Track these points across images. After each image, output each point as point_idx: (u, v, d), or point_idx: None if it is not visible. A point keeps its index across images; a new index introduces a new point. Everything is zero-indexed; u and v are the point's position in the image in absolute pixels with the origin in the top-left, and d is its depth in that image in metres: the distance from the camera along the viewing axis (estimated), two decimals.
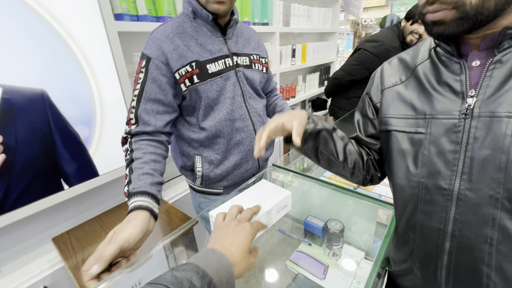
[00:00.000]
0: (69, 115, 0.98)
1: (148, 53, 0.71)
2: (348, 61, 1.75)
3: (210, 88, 0.76)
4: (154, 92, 0.72)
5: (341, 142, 0.61)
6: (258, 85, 0.89)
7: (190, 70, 0.73)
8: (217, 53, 0.77)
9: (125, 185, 0.63)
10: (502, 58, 0.41)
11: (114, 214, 1.16)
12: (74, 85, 0.97)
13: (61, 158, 0.99)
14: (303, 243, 0.78)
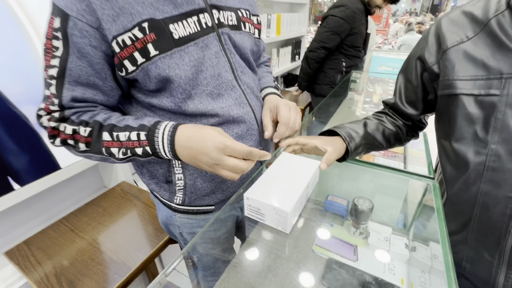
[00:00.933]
0: (11, 93, 0.73)
1: (62, 5, 0.42)
2: (319, 30, 1.74)
3: (180, 63, 0.49)
4: (86, 74, 0.47)
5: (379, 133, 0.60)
6: (249, 55, 0.64)
7: (141, 37, 0.45)
8: (186, 5, 0.50)
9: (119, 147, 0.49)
10: None
11: (86, 213, 0.96)
12: (14, 51, 0.72)
13: (4, 149, 0.74)
14: (324, 224, 0.73)
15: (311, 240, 0.69)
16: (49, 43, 0.45)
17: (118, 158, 0.50)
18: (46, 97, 0.48)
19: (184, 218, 0.67)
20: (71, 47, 0.45)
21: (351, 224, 0.70)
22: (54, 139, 0.51)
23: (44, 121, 0.49)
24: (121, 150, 0.49)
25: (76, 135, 0.49)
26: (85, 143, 0.49)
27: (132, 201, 1.03)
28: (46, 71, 0.47)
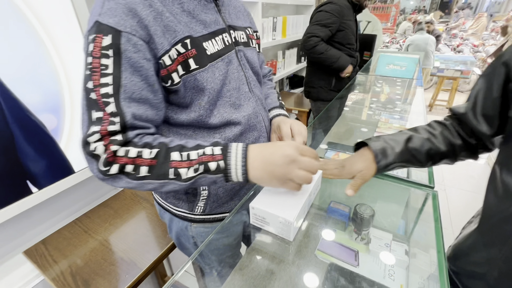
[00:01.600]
0: (30, 102, 0.77)
1: (113, 23, 0.44)
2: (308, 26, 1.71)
3: (213, 77, 0.54)
4: (139, 89, 0.47)
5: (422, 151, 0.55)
6: (259, 68, 0.71)
7: (184, 52, 0.50)
8: (213, 25, 0.56)
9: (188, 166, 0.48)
10: None
11: (99, 215, 1.00)
12: (32, 63, 0.76)
13: (24, 155, 0.79)
14: (327, 230, 0.76)
15: (314, 245, 0.71)
16: (97, 62, 0.44)
17: (184, 179, 0.48)
18: (98, 119, 0.45)
19: (200, 227, 0.71)
20: (124, 64, 0.45)
21: (353, 230, 0.72)
22: (110, 166, 0.45)
23: (99, 148, 0.44)
24: (190, 169, 0.48)
25: (138, 159, 0.47)
26: (148, 167, 0.47)
27: (142, 203, 1.07)
28: (96, 91, 0.44)
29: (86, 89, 0.45)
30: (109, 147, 0.45)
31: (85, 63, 0.46)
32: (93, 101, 0.45)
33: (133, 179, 0.47)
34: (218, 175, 0.49)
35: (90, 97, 0.45)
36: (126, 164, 0.46)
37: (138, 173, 0.47)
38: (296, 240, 0.74)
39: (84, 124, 0.46)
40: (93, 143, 0.45)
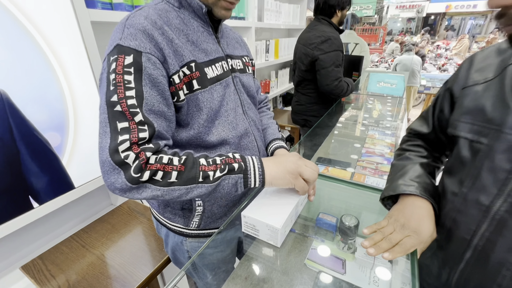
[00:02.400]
0: (36, 120, 0.82)
1: (134, 46, 0.50)
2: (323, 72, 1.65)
3: (212, 98, 0.61)
4: (157, 102, 0.52)
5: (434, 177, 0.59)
6: (254, 93, 0.79)
7: (189, 73, 0.57)
8: (213, 53, 0.64)
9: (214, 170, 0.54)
10: None
11: (96, 230, 1.03)
12: (41, 84, 0.82)
13: (28, 171, 0.83)
14: (316, 240, 0.80)
15: (304, 254, 0.75)
16: (120, 78, 0.49)
17: (212, 179, 0.53)
18: (126, 129, 0.48)
19: (194, 242, 0.75)
20: (144, 79, 0.50)
21: (340, 239, 0.77)
22: (143, 172, 0.48)
23: (131, 155, 0.47)
24: (217, 170, 0.54)
25: (169, 165, 0.50)
26: (177, 172, 0.51)
27: (138, 218, 1.10)
28: (122, 103, 0.48)
29: (111, 103, 0.48)
30: (142, 154, 0.48)
31: (106, 81, 0.50)
32: (119, 112, 0.48)
33: (162, 185, 0.50)
34: (239, 175, 0.56)
35: (115, 109, 0.48)
36: (158, 171, 0.49)
37: (169, 179, 0.50)
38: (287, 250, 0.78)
39: (107, 136, 0.48)
40: (123, 152, 0.47)
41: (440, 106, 0.60)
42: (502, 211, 0.44)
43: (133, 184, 0.48)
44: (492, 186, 0.45)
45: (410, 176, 0.59)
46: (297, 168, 0.60)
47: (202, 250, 0.72)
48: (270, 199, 0.64)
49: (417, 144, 0.69)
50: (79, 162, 0.96)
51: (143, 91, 0.50)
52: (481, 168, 0.47)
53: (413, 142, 0.69)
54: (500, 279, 0.46)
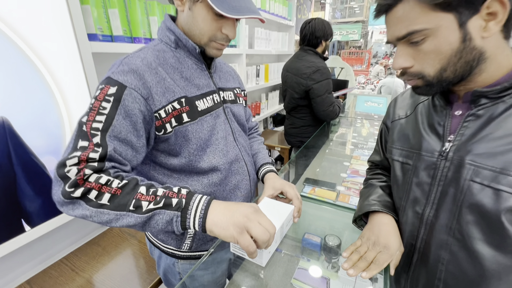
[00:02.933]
0: (35, 145, 0.86)
1: (121, 80, 0.56)
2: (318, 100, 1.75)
3: (201, 128, 0.66)
4: (126, 131, 0.56)
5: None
6: (244, 121, 0.85)
7: (179, 108, 0.62)
8: (205, 88, 0.70)
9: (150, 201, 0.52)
10: (477, 112, 0.48)
11: (86, 253, 1.03)
12: (42, 111, 0.87)
13: (22, 195, 0.85)
14: (302, 260, 0.84)
15: (290, 274, 0.79)
16: (98, 104, 0.54)
17: (143, 211, 0.51)
18: (83, 148, 0.51)
19: (186, 264, 0.78)
20: (120, 109, 0.55)
21: (324, 259, 0.81)
22: (76, 188, 0.49)
23: (73, 170, 0.49)
24: (152, 202, 0.51)
25: (105, 186, 0.51)
26: (110, 195, 0.51)
27: (129, 240, 1.11)
28: (88, 125, 0.53)
29: (80, 122, 0.54)
30: (82, 171, 0.50)
31: (89, 104, 0.56)
32: (84, 132, 0.53)
33: (92, 206, 0.49)
34: (176, 212, 0.51)
35: (82, 129, 0.53)
36: (92, 189, 0.50)
37: (99, 200, 0.50)
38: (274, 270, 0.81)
39: (67, 151, 0.52)
40: (69, 166, 0.50)
41: (383, 137, 0.75)
42: (431, 216, 0.56)
43: (66, 198, 0.49)
44: (421, 197, 0.57)
45: (372, 197, 0.70)
46: (245, 222, 0.51)
47: (192, 271, 0.75)
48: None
49: (376, 172, 0.81)
50: None
51: (114, 119, 0.54)
52: (411, 184, 0.59)
53: (374, 171, 0.83)
54: (439, 274, 0.56)
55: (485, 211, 0.47)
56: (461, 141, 0.50)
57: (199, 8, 0.62)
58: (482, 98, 0.48)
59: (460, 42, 0.44)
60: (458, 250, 0.52)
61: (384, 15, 0.49)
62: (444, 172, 0.52)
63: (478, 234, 0.49)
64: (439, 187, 0.54)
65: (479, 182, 0.47)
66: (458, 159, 0.50)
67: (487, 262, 0.49)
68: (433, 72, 0.47)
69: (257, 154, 0.89)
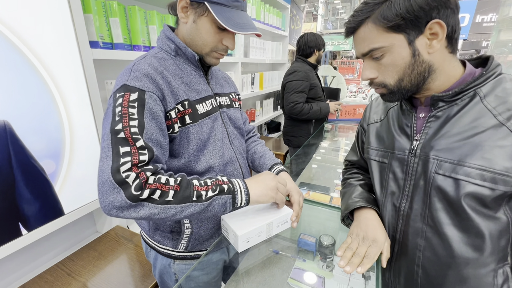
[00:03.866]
0: (35, 148, 0.87)
1: (139, 86, 0.60)
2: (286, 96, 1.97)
3: (201, 130, 0.71)
4: (156, 132, 0.60)
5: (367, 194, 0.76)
6: (241, 124, 0.88)
7: (182, 110, 0.67)
8: (204, 93, 0.74)
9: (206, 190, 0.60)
10: (436, 113, 0.57)
11: (82, 257, 1.03)
12: (43, 115, 0.88)
13: (20, 198, 0.85)
14: (298, 260, 0.86)
15: (287, 274, 0.81)
16: (126, 110, 0.57)
17: (205, 199, 0.59)
18: (127, 153, 0.54)
19: (182, 265, 0.79)
20: (146, 112, 0.59)
21: (319, 258, 0.83)
22: (142, 190, 0.53)
23: (132, 175, 0.52)
24: (209, 191, 0.60)
25: (165, 185, 0.56)
26: (174, 191, 0.56)
27: (126, 244, 1.11)
28: (126, 131, 0.55)
29: (115, 131, 0.55)
30: (142, 174, 0.54)
31: (112, 113, 0.58)
32: (122, 139, 0.55)
33: (159, 203, 0.55)
34: (229, 195, 0.62)
35: (118, 136, 0.55)
36: (156, 190, 0.54)
37: (165, 198, 0.55)
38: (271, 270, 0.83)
39: (109, 159, 0.53)
40: (124, 172, 0.52)
41: (359, 138, 0.83)
42: (406, 207, 0.62)
43: (133, 201, 0.52)
44: (397, 191, 0.64)
45: (355, 195, 0.76)
46: (276, 185, 0.69)
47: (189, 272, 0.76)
48: (252, 212, 0.72)
49: (354, 171, 0.88)
50: (71, 188, 0.99)
51: (144, 122, 0.58)
52: (388, 180, 0.66)
53: (351, 171, 0.89)
54: (417, 260, 0.62)
55: (449, 198, 0.54)
56: (425, 139, 0.58)
57: (203, 22, 0.67)
58: (440, 102, 0.56)
59: (411, 57, 0.53)
60: (432, 236, 0.58)
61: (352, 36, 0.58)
62: (414, 167, 0.60)
63: (446, 219, 0.56)
64: (411, 180, 0.61)
65: (442, 174, 0.54)
66: (424, 155, 0.58)
67: (455, 243, 0.56)
68: (393, 82, 0.56)
69: (264, 156, 0.92)
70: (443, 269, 0.58)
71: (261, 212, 0.73)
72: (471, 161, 0.51)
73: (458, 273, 0.57)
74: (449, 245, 0.56)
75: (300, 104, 1.92)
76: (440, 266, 0.59)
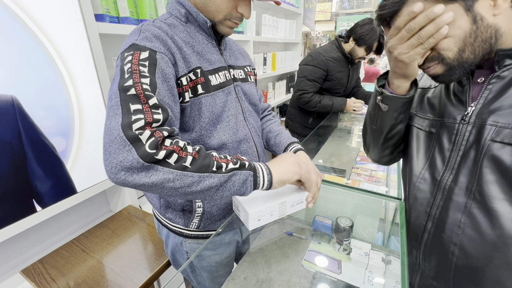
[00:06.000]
0: (44, 126, 0.86)
1: (150, 46, 0.54)
2: (297, 80, 1.80)
3: (214, 103, 0.65)
4: (168, 96, 0.54)
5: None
6: (257, 100, 0.82)
7: (194, 78, 0.62)
8: (217, 63, 0.69)
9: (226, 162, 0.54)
10: (501, 74, 0.49)
11: (96, 235, 1.04)
12: (51, 91, 0.86)
13: (33, 175, 0.85)
14: (313, 242, 0.82)
15: (301, 256, 0.78)
16: (136, 67, 0.51)
17: (225, 170, 0.53)
18: (139, 110, 0.47)
19: (194, 243, 0.77)
20: (157, 73, 0.53)
21: (335, 241, 0.79)
22: (158, 150, 0.46)
23: (146, 132, 0.46)
24: (230, 163, 0.55)
25: (183, 150, 0.49)
26: (192, 158, 0.50)
27: (138, 223, 1.11)
28: (137, 86, 0.49)
29: (124, 88, 0.49)
30: (158, 133, 0.47)
31: (120, 72, 0.52)
32: (132, 95, 0.48)
33: (175, 168, 0.47)
34: (250, 172, 0.57)
35: (128, 94, 0.48)
36: (173, 152, 0.47)
37: (182, 163, 0.48)
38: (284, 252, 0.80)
39: (117, 117, 0.46)
40: (137, 130, 0.45)
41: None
42: (449, 181, 0.57)
43: (146, 161, 0.45)
44: (441, 163, 0.58)
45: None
46: (297, 161, 0.65)
47: (200, 250, 0.74)
48: (265, 192, 0.68)
49: None
50: (82, 167, 0.99)
51: (157, 82, 0.52)
52: (433, 151, 0.60)
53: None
54: (455, 238, 0.57)
55: (505, 169, 0.48)
56: (483, 104, 0.51)
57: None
58: (507, 59, 0.48)
59: (471, 24, 0.46)
60: (477, 212, 0.52)
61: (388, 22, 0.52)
62: (466, 136, 0.53)
63: (498, 193, 0.49)
64: (460, 151, 0.55)
65: (500, 141, 0.48)
66: (479, 122, 0.51)
67: (506, 221, 0.49)
68: (452, 54, 0.48)
69: (280, 134, 0.87)
70: (487, 250, 0.52)
71: (275, 191, 0.69)
72: None
73: (505, 255, 0.51)
74: (498, 223, 0.50)
75: (309, 94, 1.72)
76: (483, 246, 0.53)
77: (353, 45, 1.67)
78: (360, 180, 1.21)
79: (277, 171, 0.61)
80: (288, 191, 0.70)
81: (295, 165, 0.63)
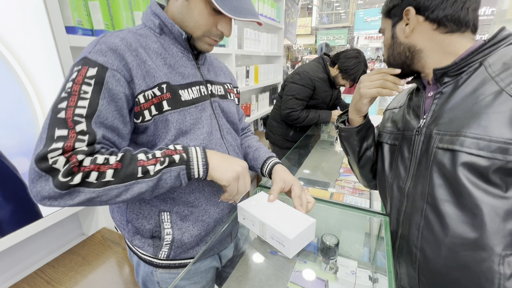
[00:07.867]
0: (5, 146, 0.78)
1: (101, 61, 0.51)
2: (284, 98, 1.80)
3: (183, 119, 0.61)
4: (112, 117, 0.52)
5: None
6: (236, 119, 0.78)
7: (159, 94, 0.57)
8: (191, 77, 0.65)
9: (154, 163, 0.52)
10: (442, 90, 0.57)
11: (64, 263, 0.94)
12: (13, 109, 0.79)
13: None
14: (298, 262, 0.79)
15: (287, 278, 0.74)
16: (77, 87, 0.49)
17: (152, 174, 0.51)
18: (62, 137, 0.46)
19: (165, 273, 0.70)
20: (104, 92, 0.50)
21: (321, 260, 0.76)
22: (73, 176, 0.45)
23: (60, 160, 0.45)
24: (157, 164, 0.52)
25: (104, 165, 0.48)
26: (114, 170, 0.49)
27: (112, 247, 1.03)
28: (69, 110, 0.47)
29: (56, 110, 0.48)
30: (73, 157, 0.46)
31: (62, 88, 0.50)
32: (61, 120, 0.47)
33: (96, 186, 0.47)
34: (181, 166, 0.54)
35: (58, 116, 0.47)
36: (91, 172, 0.47)
37: (103, 179, 0.48)
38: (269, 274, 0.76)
39: (41, 142, 0.46)
40: (52, 158, 0.45)
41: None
42: (411, 188, 0.62)
43: (63, 189, 0.45)
44: (403, 172, 0.64)
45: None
46: (241, 172, 0.59)
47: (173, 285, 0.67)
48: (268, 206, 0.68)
49: None
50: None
51: (99, 104, 0.50)
52: (397, 162, 0.67)
53: None
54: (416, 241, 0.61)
55: (446, 171, 0.53)
56: (431, 116, 0.59)
57: (196, 1, 0.58)
58: (445, 77, 0.56)
59: (391, 39, 0.63)
60: (430, 214, 0.57)
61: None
62: (419, 145, 0.60)
63: (445, 196, 0.54)
64: (416, 159, 0.61)
65: (441, 147, 0.54)
66: (428, 132, 0.58)
67: (452, 221, 0.54)
68: (386, 56, 0.66)
69: (258, 150, 0.84)
70: (440, 250, 0.57)
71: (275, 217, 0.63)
72: (468, 130, 0.50)
73: (456, 256, 0.55)
74: (446, 224, 0.55)
75: (297, 112, 1.77)
76: (438, 248, 0.57)
77: (337, 72, 1.72)
78: (344, 192, 1.20)
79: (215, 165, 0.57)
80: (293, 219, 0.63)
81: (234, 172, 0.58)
